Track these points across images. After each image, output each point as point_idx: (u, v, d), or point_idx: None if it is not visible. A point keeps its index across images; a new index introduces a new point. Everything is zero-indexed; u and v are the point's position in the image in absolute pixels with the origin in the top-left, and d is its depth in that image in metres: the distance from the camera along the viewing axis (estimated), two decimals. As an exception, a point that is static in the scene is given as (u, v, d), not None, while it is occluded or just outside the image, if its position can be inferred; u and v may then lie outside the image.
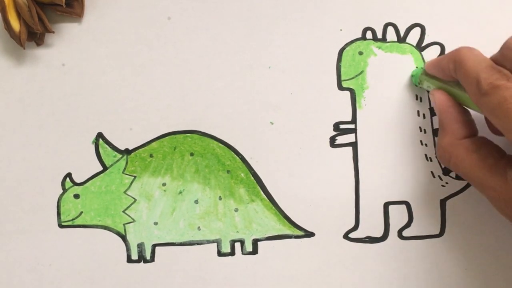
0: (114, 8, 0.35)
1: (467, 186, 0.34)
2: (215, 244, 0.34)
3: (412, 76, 0.34)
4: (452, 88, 0.31)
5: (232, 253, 0.34)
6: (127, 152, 0.35)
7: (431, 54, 0.34)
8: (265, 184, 0.34)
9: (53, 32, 0.34)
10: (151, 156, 0.35)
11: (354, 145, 0.34)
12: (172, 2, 0.35)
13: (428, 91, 0.33)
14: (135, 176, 0.35)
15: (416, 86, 0.34)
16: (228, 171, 0.34)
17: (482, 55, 0.29)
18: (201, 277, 0.34)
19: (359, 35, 0.35)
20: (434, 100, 0.32)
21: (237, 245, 0.34)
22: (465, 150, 0.30)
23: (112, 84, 0.35)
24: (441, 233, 0.34)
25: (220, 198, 0.34)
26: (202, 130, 0.35)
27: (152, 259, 0.34)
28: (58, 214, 0.34)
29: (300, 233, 0.34)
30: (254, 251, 0.34)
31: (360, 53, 0.35)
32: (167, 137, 0.35)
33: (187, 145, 0.35)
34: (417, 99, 0.34)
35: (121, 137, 0.35)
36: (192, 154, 0.35)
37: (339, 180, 0.34)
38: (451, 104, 0.31)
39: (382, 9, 0.35)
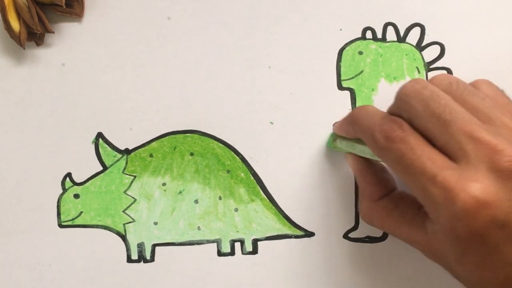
0: (114, 8, 0.35)
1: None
2: (215, 244, 0.34)
3: (327, 142, 0.34)
4: (360, 149, 0.30)
5: (232, 253, 0.34)
6: (127, 152, 0.35)
7: (431, 53, 0.34)
8: (265, 184, 0.34)
9: (53, 32, 0.34)
10: (151, 156, 0.35)
11: (354, 145, 0.34)
12: (172, 2, 0.35)
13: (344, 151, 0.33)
14: (135, 176, 0.35)
15: (331, 148, 0.34)
16: (228, 171, 0.34)
17: (375, 110, 0.29)
18: (201, 277, 0.34)
19: (359, 35, 0.35)
20: (348, 163, 0.32)
21: (237, 245, 0.34)
22: (384, 210, 0.30)
23: (112, 84, 0.35)
24: (441, 233, 0.34)
25: (220, 198, 0.34)
26: (202, 130, 0.35)
27: (152, 259, 0.34)
28: (58, 214, 0.34)
29: (300, 233, 0.34)
30: (254, 251, 0.34)
31: (360, 53, 0.35)
32: (167, 137, 0.35)
33: (187, 145, 0.35)
34: (417, 99, 0.34)
35: (121, 137, 0.35)
36: (192, 154, 0.35)
37: (339, 180, 0.34)
38: (363, 167, 0.31)
39: (382, 9, 0.35)
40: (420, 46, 0.35)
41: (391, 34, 0.35)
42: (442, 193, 0.24)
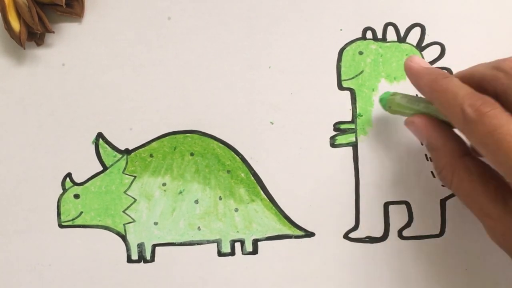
0: (114, 8, 0.35)
1: (467, 186, 0.34)
2: (215, 244, 0.34)
3: (381, 99, 0.33)
4: (430, 111, 0.29)
5: (232, 253, 0.34)
6: (127, 152, 0.35)
7: (432, 53, 0.34)
8: (265, 184, 0.34)
9: (53, 32, 0.34)
10: (151, 156, 0.35)
11: (354, 145, 0.34)
12: (172, 2, 0.35)
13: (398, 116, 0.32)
14: (135, 176, 0.35)
15: (385, 105, 0.33)
16: (228, 171, 0.34)
17: (462, 83, 0.27)
18: (201, 277, 0.34)
19: (359, 35, 0.35)
20: (415, 127, 0.30)
21: (237, 245, 0.34)
22: (467, 170, 0.28)
23: (112, 84, 0.35)
24: (441, 233, 0.34)
25: (220, 198, 0.34)
26: (202, 130, 0.35)
27: (152, 259, 0.34)
28: (58, 214, 0.34)
29: (300, 233, 0.34)
30: (254, 251, 0.34)
31: (360, 53, 0.35)
32: (167, 137, 0.35)
33: (187, 145, 0.35)
34: (417, 99, 0.34)
35: (121, 137, 0.35)
36: (192, 154, 0.35)
37: (339, 180, 0.34)
38: (437, 123, 0.29)
39: (382, 9, 0.35)
40: (420, 46, 0.35)
41: (391, 34, 0.35)
42: None
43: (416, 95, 0.32)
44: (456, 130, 0.29)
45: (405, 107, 0.31)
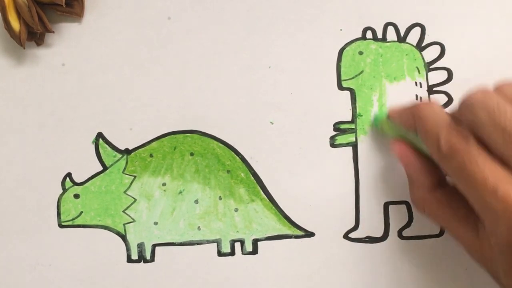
0: (114, 8, 0.35)
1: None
2: (215, 244, 0.34)
3: (374, 120, 0.34)
4: (413, 137, 0.30)
5: (232, 253, 0.34)
6: (127, 152, 0.35)
7: (432, 53, 0.34)
8: (265, 184, 0.34)
9: (53, 32, 0.34)
10: (151, 156, 0.35)
11: (354, 145, 0.34)
12: (172, 2, 0.35)
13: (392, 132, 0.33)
14: (135, 176, 0.35)
15: (378, 129, 0.34)
16: (228, 171, 0.34)
17: (442, 113, 0.29)
18: (201, 277, 0.34)
19: (359, 35, 0.35)
20: (395, 151, 0.31)
21: (237, 245, 0.34)
22: (437, 203, 0.30)
23: (112, 84, 0.35)
24: (441, 233, 0.34)
25: (220, 198, 0.34)
26: (202, 130, 0.35)
27: (152, 259, 0.34)
28: (58, 214, 0.34)
29: (300, 233, 0.34)
30: (254, 251, 0.34)
31: (360, 53, 0.35)
32: (167, 137, 0.35)
33: (187, 145, 0.35)
34: (416, 98, 0.34)
35: (121, 137, 0.35)
36: (192, 154, 0.35)
37: (339, 180, 0.34)
38: (413, 155, 0.30)
39: (382, 9, 0.35)
40: (420, 46, 0.35)
41: (391, 34, 0.35)
42: (503, 206, 0.24)
43: None
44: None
45: (394, 130, 0.32)
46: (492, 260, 0.26)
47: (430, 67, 0.34)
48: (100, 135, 0.35)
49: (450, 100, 0.34)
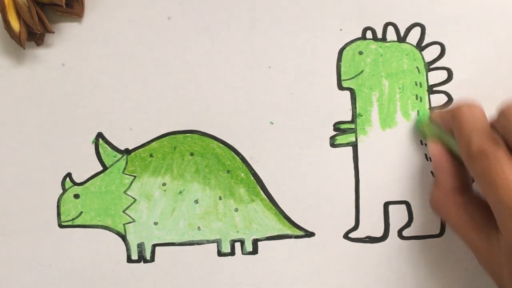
0: (114, 8, 0.35)
1: (467, 186, 0.34)
2: (215, 244, 0.34)
3: (417, 122, 0.34)
4: (450, 140, 0.31)
5: (232, 253, 0.34)
6: (127, 152, 0.35)
7: (432, 53, 0.34)
8: (265, 184, 0.34)
9: (53, 32, 0.34)
10: (151, 156, 0.35)
11: (354, 145, 0.34)
12: (172, 2, 0.35)
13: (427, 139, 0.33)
14: (135, 176, 0.35)
15: (419, 128, 0.34)
16: (228, 171, 0.34)
17: (480, 116, 0.29)
18: (201, 277, 0.34)
19: (359, 35, 0.35)
20: (430, 150, 0.32)
21: (237, 245, 0.34)
22: (455, 206, 0.30)
23: (112, 84, 0.35)
24: (441, 233, 0.34)
25: (220, 198, 0.34)
26: (202, 130, 0.35)
27: (152, 259, 0.34)
28: (58, 214, 0.34)
29: (300, 233, 0.34)
30: (254, 251, 0.34)
31: (360, 52, 0.35)
32: (167, 137, 0.35)
33: (187, 145, 0.35)
34: (417, 98, 0.34)
35: (121, 137, 0.35)
36: (192, 154, 0.35)
37: (339, 180, 0.34)
38: (446, 156, 0.31)
39: (382, 9, 0.35)
40: (420, 46, 0.35)
41: (391, 34, 0.35)
42: None
43: None
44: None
45: (433, 132, 0.32)
46: (499, 263, 0.27)
47: (430, 67, 0.34)
48: (100, 135, 0.35)
49: (450, 100, 0.34)
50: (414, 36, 0.35)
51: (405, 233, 0.34)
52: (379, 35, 0.35)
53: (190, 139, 0.35)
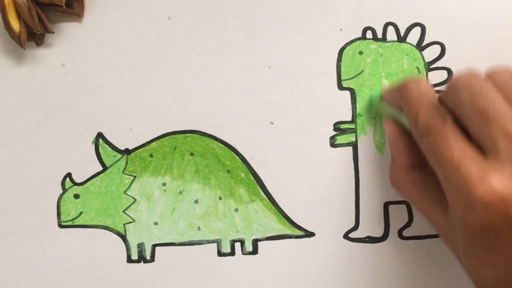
0: (114, 8, 0.35)
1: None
2: (215, 244, 0.34)
3: (369, 102, 0.34)
4: (402, 117, 0.31)
5: (232, 253, 0.34)
6: (127, 152, 0.35)
7: (432, 53, 0.34)
8: (265, 184, 0.34)
9: (53, 32, 0.34)
10: (151, 156, 0.35)
11: (354, 145, 0.34)
12: (172, 2, 0.35)
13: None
14: (135, 176, 0.35)
15: (371, 109, 0.34)
16: (228, 171, 0.34)
17: (428, 91, 0.29)
18: (201, 277, 0.34)
19: (359, 35, 0.35)
20: (385, 130, 0.32)
21: (237, 245, 0.34)
22: (412, 183, 0.30)
23: (112, 84, 0.35)
24: (441, 233, 0.34)
25: (220, 198, 0.34)
26: (202, 130, 0.35)
27: (152, 259, 0.34)
28: (58, 214, 0.34)
29: (300, 233, 0.34)
30: (254, 251, 0.34)
31: (360, 52, 0.35)
32: (167, 137, 0.35)
33: (187, 145, 0.35)
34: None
35: (121, 137, 0.35)
36: (192, 154, 0.35)
37: (339, 180, 0.34)
38: (400, 135, 0.31)
39: (382, 8, 0.35)
40: (420, 46, 0.35)
41: (391, 34, 0.35)
42: (463, 182, 0.24)
43: None
44: None
45: (386, 111, 0.32)
46: (455, 239, 0.26)
47: (430, 67, 0.34)
48: (100, 135, 0.35)
49: (450, 100, 0.34)
50: (414, 36, 0.35)
51: (405, 233, 0.34)
52: (379, 35, 0.35)
53: (190, 139, 0.35)
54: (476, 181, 0.24)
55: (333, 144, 0.34)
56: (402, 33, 0.35)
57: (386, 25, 0.35)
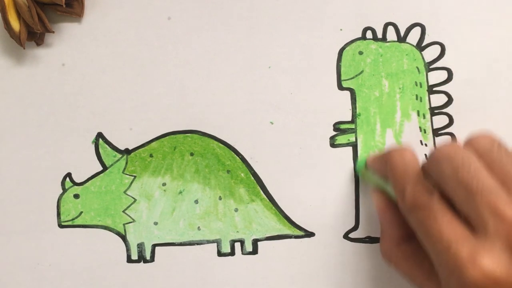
0: (114, 8, 0.35)
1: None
2: (215, 244, 0.34)
3: (357, 168, 0.34)
4: (389, 187, 0.30)
5: (232, 253, 0.34)
6: (127, 152, 0.35)
7: (432, 53, 0.34)
8: (265, 184, 0.34)
9: (53, 32, 0.34)
10: (151, 156, 0.35)
11: (354, 145, 0.34)
12: (172, 2, 0.35)
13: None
14: (135, 176, 0.35)
15: (359, 175, 0.34)
16: (228, 171, 0.34)
17: (413, 162, 0.28)
18: (201, 277, 0.34)
19: (359, 35, 0.35)
20: (373, 201, 0.32)
21: (237, 245, 0.34)
22: (403, 255, 0.30)
23: (112, 84, 0.35)
24: (441, 233, 0.34)
25: (220, 198, 0.34)
26: (202, 130, 0.35)
27: (152, 259, 0.34)
28: (58, 214, 0.34)
29: (300, 233, 0.34)
30: (254, 251, 0.34)
31: (360, 52, 0.35)
32: (167, 137, 0.35)
33: (187, 145, 0.35)
34: (417, 99, 0.34)
35: (121, 137, 0.35)
36: (192, 154, 0.35)
37: (339, 180, 0.34)
38: (387, 206, 0.31)
39: (382, 9, 0.35)
40: (420, 46, 0.35)
41: (391, 34, 0.35)
42: (454, 263, 0.24)
43: None
44: None
45: (372, 179, 0.32)
46: None
47: (430, 67, 0.34)
48: (100, 135, 0.35)
49: (450, 100, 0.34)
50: (414, 36, 0.35)
51: (405, 233, 0.34)
52: (379, 35, 0.35)
53: (190, 139, 0.35)
54: (467, 262, 0.23)
55: (333, 144, 0.34)
56: (402, 33, 0.35)
57: (386, 25, 0.35)
